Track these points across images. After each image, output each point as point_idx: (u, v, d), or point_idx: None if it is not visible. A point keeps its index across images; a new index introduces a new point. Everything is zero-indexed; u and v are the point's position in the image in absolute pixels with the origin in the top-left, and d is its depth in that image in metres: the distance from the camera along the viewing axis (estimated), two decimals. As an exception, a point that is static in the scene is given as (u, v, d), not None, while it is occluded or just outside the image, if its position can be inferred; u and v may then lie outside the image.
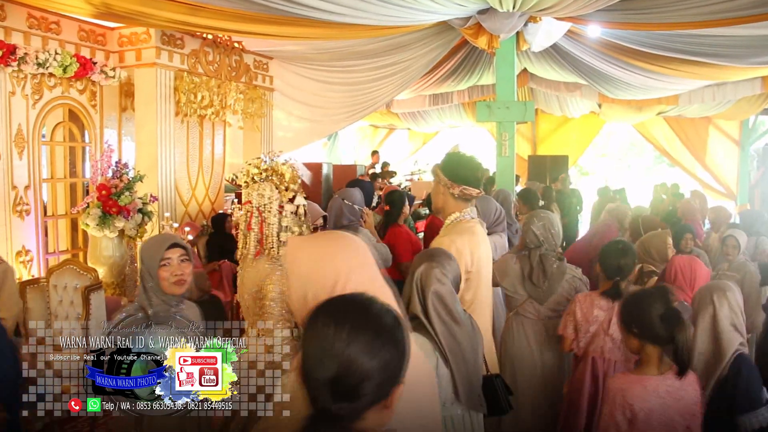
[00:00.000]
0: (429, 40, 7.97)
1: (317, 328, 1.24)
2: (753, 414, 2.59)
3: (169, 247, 2.70)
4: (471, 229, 3.10)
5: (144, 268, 2.70)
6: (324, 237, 1.93)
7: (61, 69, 5.77)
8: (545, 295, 3.67)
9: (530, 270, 3.67)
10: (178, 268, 2.69)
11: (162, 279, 2.66)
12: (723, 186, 13.75)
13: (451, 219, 3.16)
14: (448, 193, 3.13)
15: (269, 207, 3.12)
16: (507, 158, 7.65)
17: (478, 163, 3.21)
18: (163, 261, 2.66)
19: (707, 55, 8.13)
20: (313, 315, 1.27)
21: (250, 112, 7.81)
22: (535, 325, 3.71)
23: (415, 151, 17.90)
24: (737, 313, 2.75)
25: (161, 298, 2.69)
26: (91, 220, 5.53)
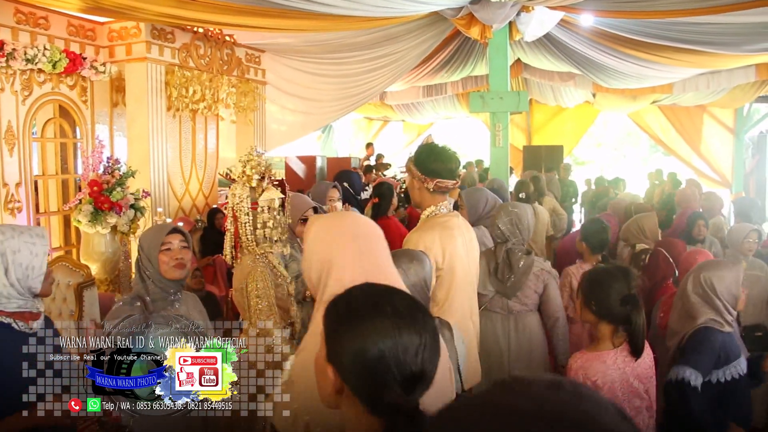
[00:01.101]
0: (421, 31, 7.94)
1: (384, 326, 1.23)
2: (679, 367, 2.67)
3: (170, 233, 2.75)
4: (444, 224, 2.99)
5: (143, 255, 2.72)
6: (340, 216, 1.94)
7: (50, 65, 5.72)
8: (512, 290, 3.61)
9: (495, 265, 3.60)
10: (179, 253, 2.73)
11: (162, 263, 2.69)
12: (718, 174, 13.76)
13: (426, 213, 3.08)
14: (423, 187, 3.03)
15: (240, 206, 3.10)
16: (501, 149, 7.63)
17: (451, 153, 3.08)
18: (164, 245, 2.70)
19: (701, 43, 8.11)
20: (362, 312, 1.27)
21: (243, 105, 7.76)
22: (504, 320, 3.64)
23: (409, 142, 17.88)
24: (708, 291, 2.79)
25: (159, 285, 2.71)
26: (83, 216, 5.50)
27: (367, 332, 1.23)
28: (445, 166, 3.00)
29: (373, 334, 1.23)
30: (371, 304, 1.28)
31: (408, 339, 1.23)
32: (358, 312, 1.27)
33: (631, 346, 2.57)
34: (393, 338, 1.22)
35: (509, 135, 8.11)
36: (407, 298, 1.34)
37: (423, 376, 1.25)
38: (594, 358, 2.58)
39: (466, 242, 3.04)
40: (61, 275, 5.11)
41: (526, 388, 0.76)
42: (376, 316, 1.25)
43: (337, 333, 1.28)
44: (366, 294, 1.33)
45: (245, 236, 3.12)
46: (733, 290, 2.80)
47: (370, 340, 1.22)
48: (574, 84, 12.06)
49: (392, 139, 17.94)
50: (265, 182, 3.13)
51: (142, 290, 2.71)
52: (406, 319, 1.25)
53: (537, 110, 15.79)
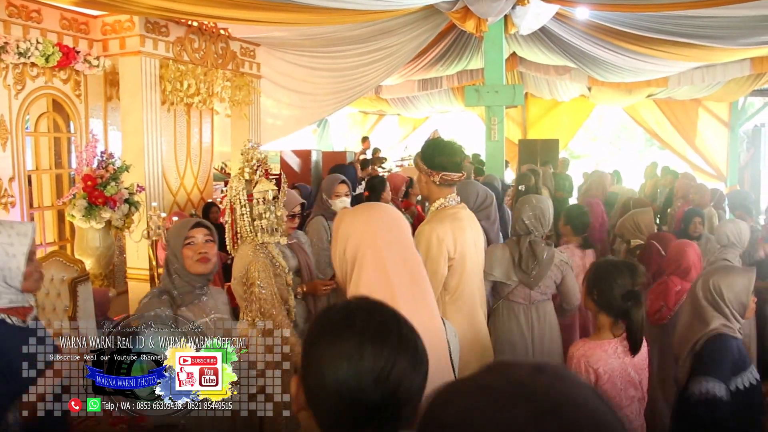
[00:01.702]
0: (416, 24, 7.92)
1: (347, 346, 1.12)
2: (703, 379, 2.62)
3: (194, 227, 2.77)
4: (454, 215, 3.09)
5: (170, 250, 2.74)
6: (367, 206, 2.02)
7: (43, 58, 5.68)
8: (536, 281, 3.70)
9: (520, 257, 3.68)
10: (203, 247, 2.74)
11: (186, 257, 2.71)
12: (713, 168, 13.78)
13: (436, 206, 3.17)
14: (430, 181, 3.13)
15: (237, 198, 3.18)
16: (496, 143, 7.63)
17: (456, 147, 3.20)
18: (187, 240, 2.72)
19: (696, 37, 8.11)
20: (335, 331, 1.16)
21: (238, 99, 7.74)
22: (526, 310, 3.73)
23: (405, 136, 17.86)
24: (716, 298, 2.74)
25: (185, 279, 2.72)
26: (77, 211, 5.47)
27: (327, 353, 1.13)
28: (450, 160, 3.10)
29: (331, 356, 1.13)
30: (342, 319, 1.18)
31: (370, 363, 1.11)
32: (326, 328, 1.18)
33: (630, 342, 2.64)
34: (351, 362, 1.11)
35: (504, 129, 8.11)
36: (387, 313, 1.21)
37: (390, 405, 1.11)
38: (596, 346, 2.68)
39: (474, 233, 3.15)
40: (55, 270, 5.09)
41: (509, 370, 0.79)
42: (340, 334, 1.14)
43: (305, 347, 1.19)
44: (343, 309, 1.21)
45: (243, 227, 3.19)
46: (742, 298, 2.74)
47: (327, 362, 1.12)
48: (570, 78, 12.06)
49: (388, 133, 17.91)
50: (257, 174, 3.18)
51: (168, 284, 2.72)
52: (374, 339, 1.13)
53: (532, 104, 15.78)
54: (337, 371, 1.10)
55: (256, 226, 3.17)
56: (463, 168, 3.18)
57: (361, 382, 1.10)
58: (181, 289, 2.71)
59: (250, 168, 3.20)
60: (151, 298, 2.67)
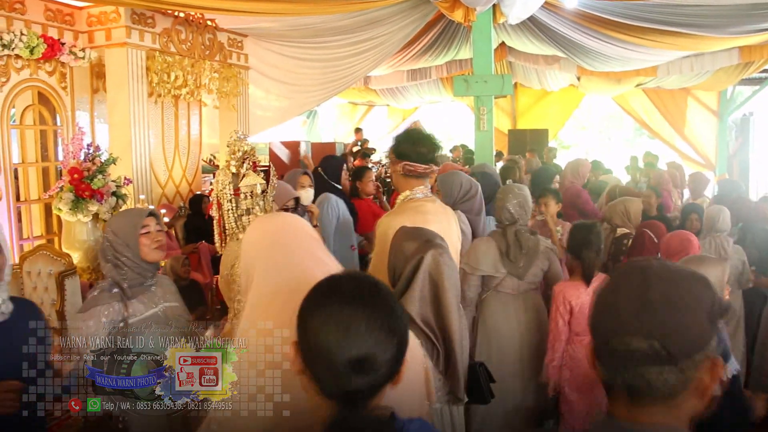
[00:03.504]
0: (404, 14, 7.89)
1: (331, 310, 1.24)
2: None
3: (147, 215, 2.77)
4: (417, 208, 2.96)
5: (118, 240, 2.68)
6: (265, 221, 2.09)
7: (27, 50, 5.62)
8: (524, 271, 3.69)
9: (507, 247, 3.65)
10: (157, 235, 2.75)
11: (143, 246, 2.69)
12: (702, 157, 13.83)
13: (401, 198, 3.07)
14: (395, 170, 3.06)
15: (223, 193, 3.12)
16: (485, 132, 7.61)
17: (426, 138, 3.06)
18: (143, 228, 2.71)
19: (684, 26, 8.11)
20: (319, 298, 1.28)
21: (226, 91, 7.69)
22: (514, 300, 3.73)
23: (395, 127, 17.82)
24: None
25: (137, 270, 2.69)
26: (64, 204, 5.42)
27: (315, 314, 1.25)
28: (414, 149, 2.99)
29: (319, 315, 1.24)
30: (329, 286, 1.30)
31: (352, 321, 1.21)
32: (316, 293, 1.29)
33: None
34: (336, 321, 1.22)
35: (494, 119, 8.09)
36: (368, 280, 1.32)
37: (368, 360, 1.20)
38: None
39: (444, 228, 2.90)
40: (42, 264, 5.07)
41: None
42: (327, 298, 1.26)
43: (299, 313, 1.29)
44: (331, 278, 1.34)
45: (229, 223, 3.12)
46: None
47: (315, 321, 1.24)
48: (559, 67, 12.04)
49: (377, 124, 17.87)
50: (244, 167, 3.11)
51: (117, 276, 2.68)
52: (355, 301, 1.24)
53: (522, 94, 15.78)
54: (328, 333, 1.21)
55: (244, 222, 3.10)
56: (431, 160, 3.03)
57: (347, 336, 1.20)
58: (131, 282, 2.68)
59: (236, 161, 3.13)
60: (101, 292, 2.63)
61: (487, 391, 2.64)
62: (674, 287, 1.09)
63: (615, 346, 1.09)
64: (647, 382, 1.07)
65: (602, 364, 1.13)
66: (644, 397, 1.08)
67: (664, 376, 1.06)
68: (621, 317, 1.09)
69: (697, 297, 1.09)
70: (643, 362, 1.06)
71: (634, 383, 1.08)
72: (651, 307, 1.07)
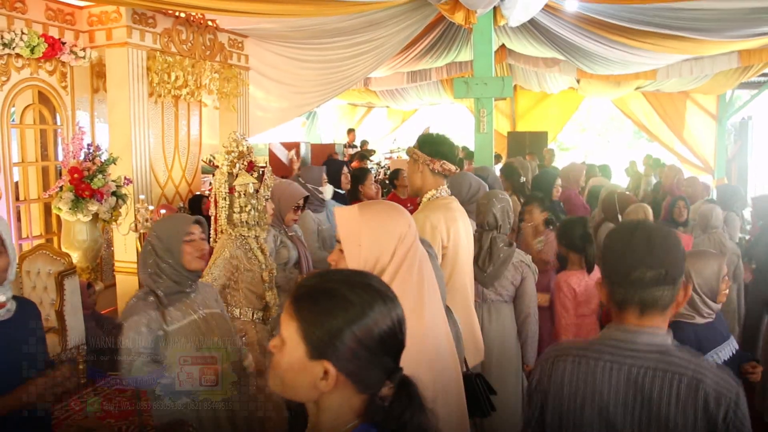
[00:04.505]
0: (405, 16, 7.89)
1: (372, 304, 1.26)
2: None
3: (192, 223, 2.75)
4: (447, 206, 3.09)
5: (161, 246, 2.65)
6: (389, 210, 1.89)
7: (28, 49, 5.62)
8: (490, 279, 3.62)
9: (478, 252, 3.59)
10: (201, 244, 2.73)
11: (186, 254, 2.66)
12: (701, 160, 13.85)
13: (428, 196, 3.15)
14: (428, 169, 3.12)
15: (219, 191, 3.21)
16: (485, 135, 7.62)
17: (452, 141, 3.26)
18: (188, 236, 2.68)
19: (685, 29, 8.12)
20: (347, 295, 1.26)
21: (226, 91, 7.69)
22: (477, 308, 3.56)
23: (394, 128, 17.84)
24: (695, 283, 2.67)
25: (176, 278, 2.66)
26: (64, 204, 5.43)
27: (359, 312, 1.24)
28: (450, 150, 3.16)
29: (365, 311, 1.24)
30: (348, 286, 1.28)
31: (395, 312, 1.27)
32: (343, 295, 1.26)
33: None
34: (383, 311, 1.26)
35: (494, 121, 8.10)
36: (371, 277, 1.36)
37: (404, 346, 1.30)
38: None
39: (465, 225, 3.14)
40: (41, 264, 5.07)
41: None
42: (360, 295, 1.26)
43: (325, 322, 1.24)
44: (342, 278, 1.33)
45: (221, 220, 3.23)
46: (713, 283, 2.69)
47: (366, 318, 1.24)
48: (559, 70, 12.05)
49: (377, 126, 17.88)
50: (237, 167, 3.20)
51: (153, 285, 2.65)
52: (388, 294, 1.29)
53: (521, 96, 15.80)
54: (379, 322, 1.25)
55: (235, 219, 3.20)
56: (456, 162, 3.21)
57: (396, 325, 1.28)
58: (167, 290, 2.64)
59: (228, 160, 3.22)
60: (137, 300, 2.62)
61: (486, 402, 2.60)
62: (665, 235, 1.64)
63: (634, 276, 1.60)
64: (656, 298, 1.61)
65: (619, 291, 1.63)
66: (653, 309, 1.62)
67: (667, 293, 1.61)
68: (636, 256, 1.60)
69: (678, 241, 1.65)
70: (654, 285, 1.59)
71: (647, 300, 1.61)
72: (656, 249, 1.60)
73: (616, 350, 1.62)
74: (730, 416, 1.52)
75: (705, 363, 1.60)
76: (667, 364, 1.57)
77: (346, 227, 1.76)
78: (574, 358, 1.67)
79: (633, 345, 1.61)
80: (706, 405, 1.52)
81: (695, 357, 1.62)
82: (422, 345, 1.69)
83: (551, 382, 1.69)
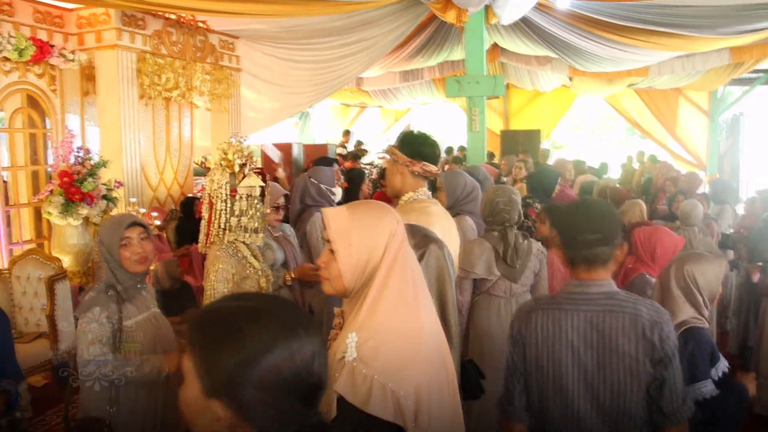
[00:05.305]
0: (396, 15, 7.87)
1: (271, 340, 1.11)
2: (692, 387, 2.54)
3: (128, 227, 2.69)
4: (424, 209, 2.92)
5: (104, 249, 2.66)
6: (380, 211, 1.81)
7: (16, 53, 5.57)
8: (519, 274, 3.63)
9: (505, 249, 3.59)
10: (139, 246, 2.68)
11: (123, 258, 2.65)
12: (693, 156, 13.88)
13: (405, 199, 3.00)
14: (407, 171, 2.96)
15: (218, 192, 2.98)
16: (478, 133, 7.61)
17: (435, 140, 3.07)
18: (123, 240, 2.65)
19: (676, 26, 8.13)
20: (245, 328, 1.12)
21: (218, 93, 7.66)
22: (506, 304, 3.63)
23: (387, 128, 17.83)
24: (690, 285, 2.70)
25: (126, 274, 2.68)
26: (54, 208, 5.39)
27: (259, 350, 1.10)
28: (432, 151, 2.99)
29: (266, 350, 1.10)
30: (251, 316, 1.14)
31: (304, 349, 1.14)
32: (240, 329, 1.12)
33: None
34: (288, 350, 1.12)
35: (486, 119, 8.09)
36: (285, 304, 1.24)
37: (321, 385, 1.17)
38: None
39: (445, 231, 2.90)
40: (31, 268, 5.03)
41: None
42: (263, 330, 1.12)
43: (217, 358, 1.11)
44: (241, 308, 1.18)
45: (217, 224, 3.00)
46: (713, 286, 2.72)
47: (266, 358, 1.10)
48: (551, 68, 12.06)
49: (370, 126, 17.88)
50: (246, 169, 3.04)
51: (112, 278, 2.66)
52: (296, 329, 1.15)
53: (514, 94, 15.81)
54: (278, 360, 1.11)
55: (233, 224, 2.97)
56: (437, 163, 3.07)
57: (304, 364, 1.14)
58: (125, 284, 2.66)
59: (240, 159, 3.05)
60: (97, 293, 2.61)
61: (477, 386, 2.64)
62: (601, 208, 2.13)
63: (581, 239, 2.05)
64: (597, 255, 2.04)
65: (569, 252, 2.09)
66: (595, 264, 2.05)
67: (605, 252, 2.05)
68: (580, 225, 2.07)
69: (611, 212, 2.13)
70: (595, 245, 2.04)
71: (590, 257, 2.05)
72: (594, 218, 2.07)
73: (575, 300, 2.08)
74: (663, 337, 1.97)
75: (641, 300, 2.06)
76: (613, 305, 2.02)
77: (335, 226, 1.72)
78: (543, 310, 2.13)
79: (587, 295, 2.06)
80: (644, 331, 1.97)
81: (633, 297, 2.06)
82: (420, 344, 1.67)
83: (528, 331, 2.14)
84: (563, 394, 2.06)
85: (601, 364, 2.01)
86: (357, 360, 1.58)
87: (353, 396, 1.54)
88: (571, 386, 2.05)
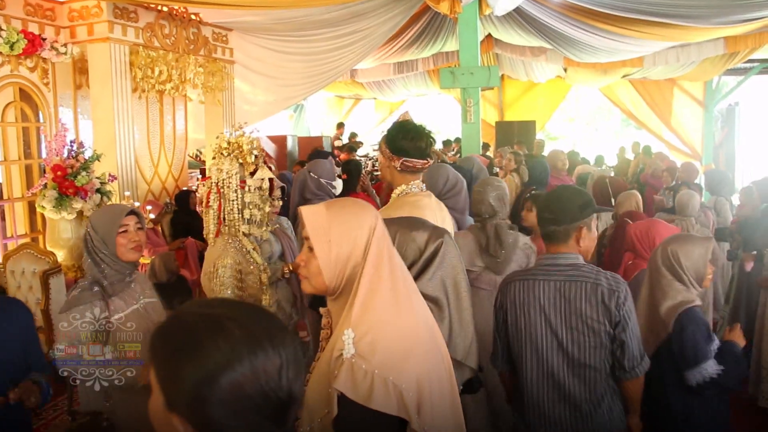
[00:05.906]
0: (389, 6, 7.85)
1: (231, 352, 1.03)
2: (697, 369, 2.60)
3: (126, 215, 2.70)
4: (415, 203, 2.89)
5: (97, 237, 2.64)
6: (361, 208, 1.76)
7: (7, 46, 5.54)
8: (503, 266, 3.58)
9: (486, 241, 3.58)
10: (135, 235, 2.69)
11: (120, 245, 2.64)
12: (688, 147, 13.88)
13: (397, 192, 2.97)
14: (392, 166, 2.92)
15: (228, 182, 2.96)
16: (472, 124, 7.61)
17: (422, 131, 2.95)
18: (122, 228, 2.65)
19: (671, 16, 8.12)
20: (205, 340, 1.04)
21: (211, 85, 7.63)
22: (491, 297, 3.46)
23: (382, 120, 17.79)
24: (672, 262, 2.75)
25: (115, 267, 2.66)
26: (47, 202, 5.37)
27: (217, 364, 1.02)
28: (414, 145, 2.89)
29: (227, 366, 1.02)
30: (213, 327, 1.06)
31: (269, 363, 1.05)
32: (200, 341, 1.04)
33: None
34: (251, 366, 1.04)
35: (481, 111, 8.09)
36: (252, 311, 1.15)
37: (291, 400, 1.09)
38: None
39: (438, 223, 2.80)
40: (26, 263, 5.02)
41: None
42: (223, 344, 1.04)
43: (176, 372, 1.04)
44: (204, 317, 1.09)
45: (231, 215, 2.98)
46: (700, 267, 2.75)
47: (226, 375, 1.02)
48: (546, 59, 12.05)
49: (364, 118, 17.83)
50: (260, 160, 3.01)
51: (97, 274, 2.64)
52: (261, 342, 1.06)
53: (509, 86, 15.80)
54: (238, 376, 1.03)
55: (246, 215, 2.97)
56: (428, 155, 2.97)
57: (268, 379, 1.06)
58: (111, 278, 2.64)
59: (257, 152, 2.99)
60: (82, 291, 2.59)
61: (476, 380, 2.63)
62: (560, 195, 2.45)
63: (541, 218, 2.43)
64: (552, 232, 2.39)
65: (540, 228, 2.44)
66: (552, 240, 2.40)
67: (556, 230, 2.37)
68: (544, 208, 2.43)
69: (570, 199, 2.40)
70: (548, 224, 2.39)
71: (547, 234, 2.41)
72: (552, 203, 2.41)
73: (546, 271, 2.40)
74: (620, 303, 2.26)
75: (601, 271, 2.35)
76: (577, 276, 2.34)
77: (313, 223, 1.67)
78: (519, 281, 2.46)
79: (556, 267, 2.39)
80: (603, 298, 2.27)
81: (596, 269, 2.37)
82: (418, 336, 1.65)
83: (507, 300, 2.48)
84: (538, 353, 2.39)
85: (568, 326, 2.33)
86: (356, 356, 1.55)
87: (355, 393, 1.52)
88: (544, 345, 2.38)
